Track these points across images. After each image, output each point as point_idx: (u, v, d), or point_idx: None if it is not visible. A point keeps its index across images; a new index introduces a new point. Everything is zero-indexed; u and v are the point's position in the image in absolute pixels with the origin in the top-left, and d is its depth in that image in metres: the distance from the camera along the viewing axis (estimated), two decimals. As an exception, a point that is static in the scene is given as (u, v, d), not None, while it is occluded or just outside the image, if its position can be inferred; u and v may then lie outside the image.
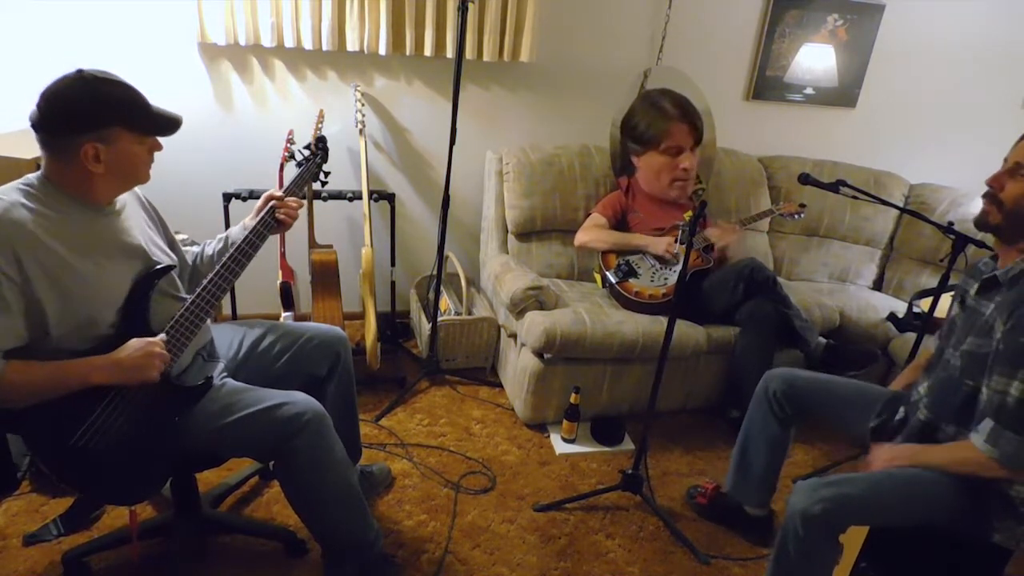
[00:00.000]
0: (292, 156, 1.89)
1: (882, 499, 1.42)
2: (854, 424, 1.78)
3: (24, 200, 1.27)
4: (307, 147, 1.85)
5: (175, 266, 1.52)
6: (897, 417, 1.66)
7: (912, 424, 1.57)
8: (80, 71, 1.28)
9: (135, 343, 1.32)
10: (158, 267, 1.44)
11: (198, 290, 1.44)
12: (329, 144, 1.88)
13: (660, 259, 2.59)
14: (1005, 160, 1.43)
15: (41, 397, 1.26)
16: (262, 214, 1.60)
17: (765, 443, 1.92)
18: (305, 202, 1.69)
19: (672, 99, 2.63)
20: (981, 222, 1.45)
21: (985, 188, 1.45)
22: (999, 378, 1.35)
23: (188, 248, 1.71)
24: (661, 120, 2.57)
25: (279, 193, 1.63)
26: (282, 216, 1.60)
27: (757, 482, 1.97)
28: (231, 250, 1.51)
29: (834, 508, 1.37)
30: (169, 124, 1.38)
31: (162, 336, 1.37)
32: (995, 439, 1.34)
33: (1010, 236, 1.42)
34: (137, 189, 1.54)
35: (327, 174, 1.89)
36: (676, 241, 2.55)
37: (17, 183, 1.31)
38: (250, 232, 1.55)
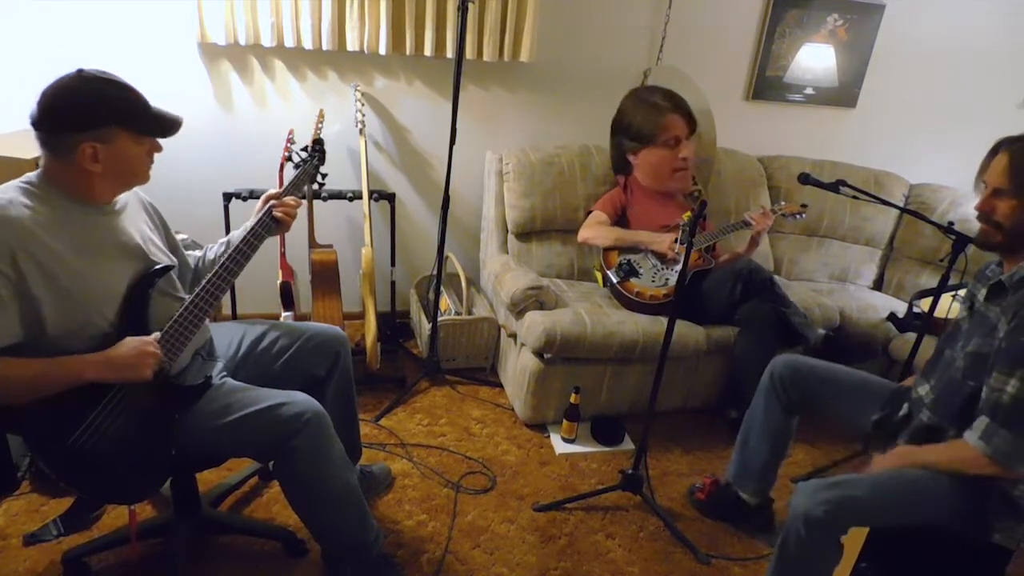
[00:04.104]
0: (290, 158, 1.90)
1: (884, 500, 1.42)
2: (856, 416, 1.79)
3: (23, 198, 1.27)
4: (304, 148, 1.85)
5: (174, 266, 1.52)
6: (901, 413, 1.66)
7: (916, 425, 1.57)
8: (80, 71, 1.29)
9: (129, 341, 1.32)
10: (157, 267, 1.44)
11: (197, 290, 1.44)
12: (329, 144, 1.89)
13: (662, 258, 2.59)
14: (983, 182, 1.46)
15: (35, 393, 1.26)
16: (260, 214, 1.60)
17: (768, 429, 1.93)
18: (304, 201, 1.69)
19: (662, 93, 2.65)
20: (983, 243, 1.49)
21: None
22: (997, 375, 1.36)
23: (191, 252, 1.72)
24: (655, 114, 2.59)
25: (277, 192, 1.63)
26: (279, 214, 1.59)
27: (757, 468, 1.98)
28: (230, 250, 1.51)
29: (836, 510, 1.38)
30: (168, 125, 1.38)
31: (156, 334, 1.37)
32: (989, 436, 1.35)
33: (1014, 249, 1.45)
34: (139, 190, 1.54)
35: (324, 175, 1.89)
36: (676, 241, 2.55)
37: (17, 181, 1.31)
38: (248, 232, 1.55)
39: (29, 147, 1.99)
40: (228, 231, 2.61)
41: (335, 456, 1.51)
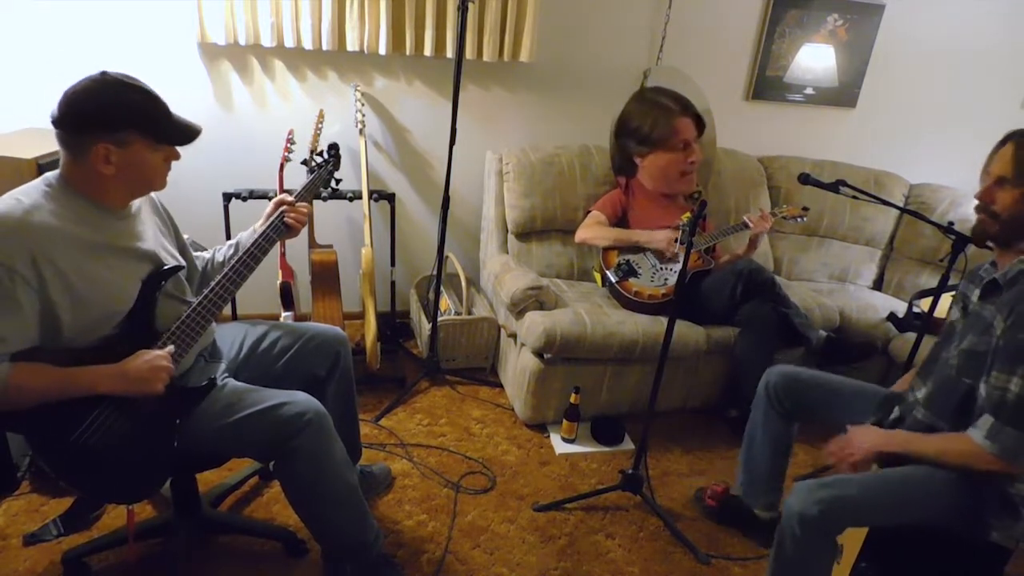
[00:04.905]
0: (305, 161, 1.89)
1: (878, 500, 1.42)
2: (851, 422, 1.79)
3: (44, 201, 1.28)
4: (319, 153, 1.85)
5: (183, 267, 1.53)
6: (892, 416, 1.67)
7: (910, 425, 1.58)
8: (104, 73, 1.29)
9: (143, 354, 1.33)
10: (165, 268, 1.45)
11: (205, 292, 1.44)
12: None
13: (661, 258, 2.59)
14: (987, 172, 1.46)
15: (44, 400, 1.27)
16: (272, 218, 1.60)
17: (768, 440, 1.93)
18: (312, 207, 1.69)
19: (670, 95, 2.64)
20: (979, 232, 1.49)
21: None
22: (998, 374, 1.36)
23: (199, 254, 1.72)
24: (666, 117, 2.58)
25: (290, 198, 1.63)
26: (291, 220, 1.60)
27: (763, 482, 1.98)
28: (240, 253, 1.51)
29: (830, 510, 1.38)
30: (186, 135, 1.38)
31: (170, 348, 1.37)
32: (995, 435, 1.35)
33: (1007, 240, 1.45)
34: (152, 193, 1.54)
35: (338, 181, 1.89)
36: (677, 241, 2.55)
37: (39, 182, 1.32)
38: (259, 236, 1.56)
39: (29, 147, 2.00)
40: (228, 231, 2.61)
41: (336, 456, 1.51)
